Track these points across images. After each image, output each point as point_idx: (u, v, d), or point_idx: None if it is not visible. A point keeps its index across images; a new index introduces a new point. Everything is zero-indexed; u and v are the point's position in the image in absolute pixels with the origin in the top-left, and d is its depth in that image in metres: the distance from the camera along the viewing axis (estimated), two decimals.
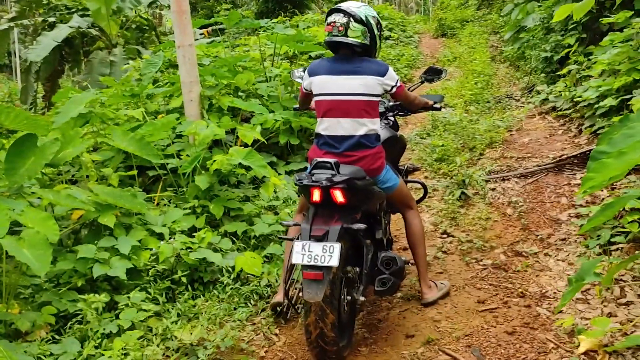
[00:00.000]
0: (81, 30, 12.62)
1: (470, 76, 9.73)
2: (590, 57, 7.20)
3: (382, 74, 3.23)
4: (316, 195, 2.93)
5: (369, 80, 3.21)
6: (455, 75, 10.95)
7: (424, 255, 3.57)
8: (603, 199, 4.33)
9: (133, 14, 13.83)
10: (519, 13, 10.31)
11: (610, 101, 5.38)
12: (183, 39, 5.16)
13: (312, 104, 3.60)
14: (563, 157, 5.35)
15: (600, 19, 7.30)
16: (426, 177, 5.79)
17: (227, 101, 5.25)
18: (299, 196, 3.33)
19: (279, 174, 5.35)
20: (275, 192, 4.78)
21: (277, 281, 3.73)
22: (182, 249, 3.67)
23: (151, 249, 3.72)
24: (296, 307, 3.30)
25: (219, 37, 13.85)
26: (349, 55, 3.27)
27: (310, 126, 5.62)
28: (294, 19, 14.04)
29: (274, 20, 12.85)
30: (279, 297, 3.43)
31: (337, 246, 2.82)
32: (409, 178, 4.38)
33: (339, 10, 3.25)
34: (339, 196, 2.93)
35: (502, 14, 13.70)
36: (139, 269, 3.61)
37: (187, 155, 4.84)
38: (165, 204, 4.52)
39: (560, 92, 7.04)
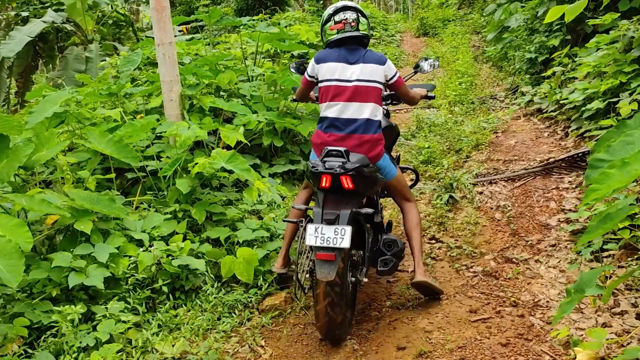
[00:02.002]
0: (55, 25, 12.34)
1: (454, 76, 9.69)
2: (574, 59, 7.21)
3: (383, 63, 3.57)
4: (326, 182, 3.15)
5: (373, 68, 3.53)
6: (439, 75, 10.91)
7: (419, 241, 3.69)
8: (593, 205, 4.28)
9: (109, 9, 13.59)
10: (502, 13, 10.31)
11: (597, 104, 5.36)
12: (163, 37, 5.01)
13: (312, 94, 3.97)
14: (550, 160, 5.30)
15: (587, 21, 7.31)
16: (412, 180, 5.71)
17: (209, 101, 5.11)
18: (309, 180, 3.60)
19: (263, 177, 5.22)
20: (259, 195, 4.67)
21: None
22: (162, 256, 3.53)
23: (130, 257, 3.57)
24: (303, 286, 3.41)
25: (199, 34, 13.69)
26: (354, 47, 3.59)
27: (294, 127, 5.52)
28: (275, 16, 13.90)
29: (256, 18, 12.71)
30: (278, 266, 3.68)
31: (348, 229, 3.04)
32: (401, 165, 4.58)
33: (347, 8, 3.64)
34: (348, 183, 3.14)
35: (484, 14, 13.71)
36: (118, 277, 3.46)
37: (167, 157, 4.70)
38: (144, 208, 4.38)
39: (545, 94, 7.01)
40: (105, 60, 9.73)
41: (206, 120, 5.08)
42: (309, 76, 3.73)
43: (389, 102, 4.17)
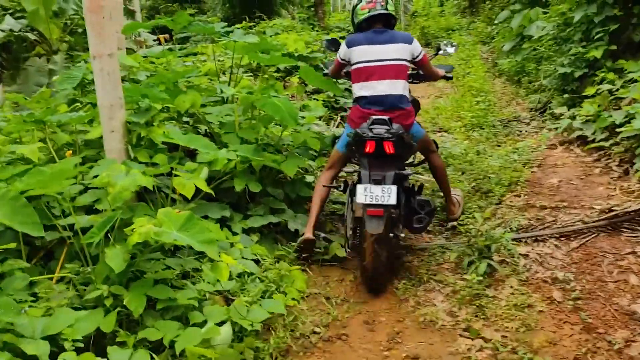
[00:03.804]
0: (15, 34, 11.20)
1: (468, 94, 8.54)
2: (621, 75, 6.08)
3: (410, 41, 4.15)
4: (370, 147, 3.65)
5: (401, 47, 4.08)
6: (447, 92, 9.78)
7: (448, 185, 4.55)
8: None
9: (79, 16, 12.46)
10: (522, 20, 9.18)
11: None
12: (100, 46, 3.81)
13: (343, 72, 4.52)
14: (616, 210, 4.12)
15: (635, 27, 6.21)
16: (430, 233, 4.55)
17: (161, 133, 3.91)
18: (342, 151, 4.26)
19: (234, 234, 4.03)
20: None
21: None
22: None
23: None
24: (349, 243, 3.92)
25: (176, 45, 12.50)
26: (382, 29, 4.15)
27: (277, 165, 4.34)
28: (261, 24, 12.75)
29: (238, 25, 11.56)
30: (308, 234, 4.05)
31: (394, 188, 3.57)
32: None
33: None
34: (390, 148, 3.64)
35: (496, 22, 12.62)
36: None
37: (104, 210, 3.51)
38: (65, 285, 3.18)
39: (587, 117, 5.86)
40: None
41: (158, 158, 3.90)
42: (341, 59, 4.30)
43: (410, 80, 4.52)
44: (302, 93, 5.12)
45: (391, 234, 3.73)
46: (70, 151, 3.97)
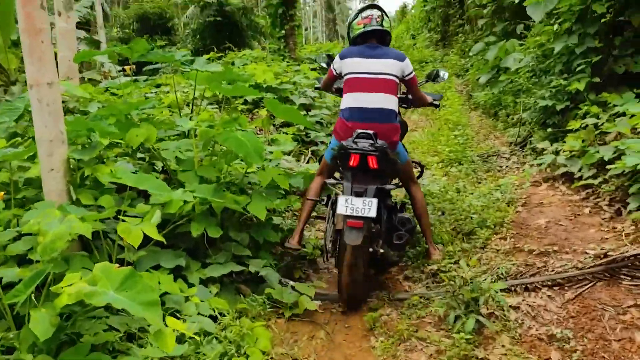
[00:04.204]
0: None
1: (444, 127, 8.26)
2: (605, 108, 5.84)
3: (402, 59, 4.19)
4: (354, 161, 3.74)
5: (393, 62, 4.14)
6: (422, 125, 9.51)
7: (428, 222, 4.46)
8: None
9: None
10: (498, 52, 8.98)
11: None
12: (38, 74, 3.40)
13: (332, 88, 4.70)
14: (612, 256, 3.77)
15: (616, 60, 5.99)
16: (409, 280, 4.17)
17: (107, 172, 3.49)
18: (329, 162, 4.29)
19: (191, 285, 3.59)
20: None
21: None
22: None
23: None
24: (328, 253, 3.98)
25: (144, 77, 12.14)
26: (375, 44, 4.25)
27: (240, 208, 3.93)
28: (229, 55, 12.42)
29: (206, 56, 11.21)
30: (294, 242, 4.25)
31: (374, 201, 3.64)
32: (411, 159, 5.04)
33: (373, 7, 4.34)
34: (373, 162, 3.73)
35: (471, 54, 12.48)
36: None
37: (37, 261, 3.06)
38: None
39: (572, 152, 5.58)
40: None
41: (104, 200, 3.49)
42: (334, 70, 4.36)
43: (400, 105, 4.70)
44: (269, 126, 4.73)
45: (370, 249, 3.82)
46: (3, 193, 3.51)
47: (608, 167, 4.71)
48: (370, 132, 3.81)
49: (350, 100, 4.13)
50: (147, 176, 3.60)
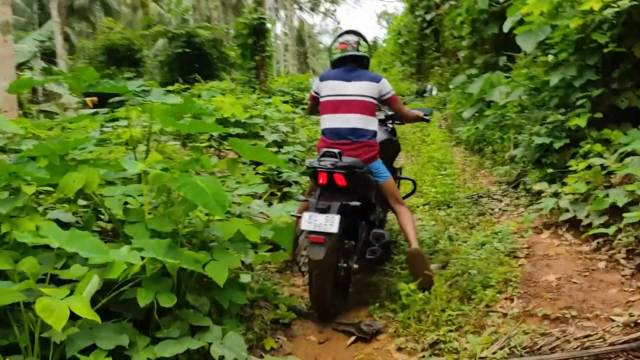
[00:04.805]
0: None
1: (429, 165, 7.71)
2: (608, 146, 5.35)
3: (378, 80, 4.47)
4: (322, 179, 3.98)
5: (368, 85, 4.40)
6: (402, 162, 8.95)
7: (414, 230, 4.45)
8: None
9: None
10: (483, 85, 8.50)
11: None
12: None
13: (317, 109, 4.71)
14: None
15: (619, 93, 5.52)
16: (402, 352, 3.53)
17: (29, 230, 2.81)
18: (310, 178, 4.29)
19: None
20: None
21: None
22: None
23: None
24: (300, 267, 4.44)
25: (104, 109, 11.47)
26: (352, 67, 4.51)
27: (201, 268, 3.27)
28: (196, 86, 11.80)
29: (171, 88, 10.59)
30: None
31: (336, 217, 3.79)
32: (402, 175, 5.53)
33: (350, 32, 4.65)
34: (340, 180, 3.94)
35: (451, 87, 12.06)
36: None
37: None
38: None
39: (576, 196, 5.04)
40: None
41: (25, 264, 2.80)
42: (315, 92, 4.65)
43: (393, 121, 5.20)
44: (235, 167, 4.10)
45: (344, 265, 4.10)
46: None
47: (624, 215, 4.15)
48: (335, 150, 4.01)
49: (328, 120, 4.44)
50: (82, 234, 2.91)
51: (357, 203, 3.94)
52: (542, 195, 5.56)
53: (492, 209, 6.19)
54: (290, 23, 60.93)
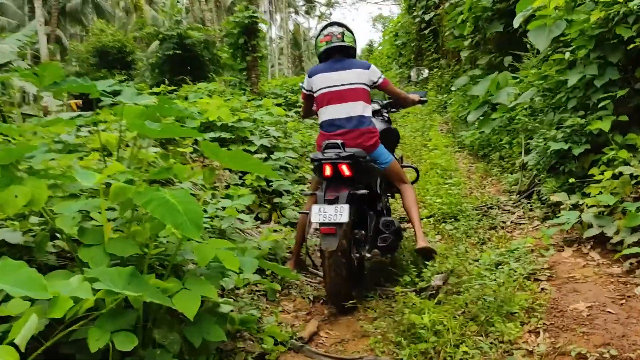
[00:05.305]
0: None
1: (432, 173, 7.18)
2: (635, 153, 4.84)
3: (367, 67, 4.62)
4: (328, 170, 4.05)
5: (358, 72, 4.55)
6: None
7: (417, 214, 4.67)
8: None
9: None
10: (489, 86, 7.97)
11: None
12: None
13: (314, 107, 4.85)
14: None
15: None
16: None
17: None
18: (315, 173, 4.42)
19: None
20: None
21: None
22: None
23: None
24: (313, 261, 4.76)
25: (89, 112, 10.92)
26: (339, 58, 4.64)
27: (167, 300, 2.73)
28: (183, 88, 11.23)
29: (156, 90, 10.03)
30: (290, 265, 4.71)
31: (346, 207, 3.84)
32: (404, 163, 5.66)
33: (334, 24, 4.75)
34: (345, 170, 4.02)
35: (453, 89, 11.53)
36: None
37: None
38: None
39: (601, 208, 4.51)
40: None
41: None
42: (306, 90, 4.76)
43: (388, 110, 5.37)
44: (213, 176, 3.55)
45: (357, 254, 4.17)
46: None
47: None
48: (338, 141, 4.13)
49: (325, 113, 4.53)
50: (14, 264, 2.33)
51: (365, 191, 4.08)
52: (561, 207, 5.03)
53: (504, 222, 5.65)
54: (286, 26, 60.59)
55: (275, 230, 4.87)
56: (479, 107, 8.50)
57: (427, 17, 17.81)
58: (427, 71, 5.48)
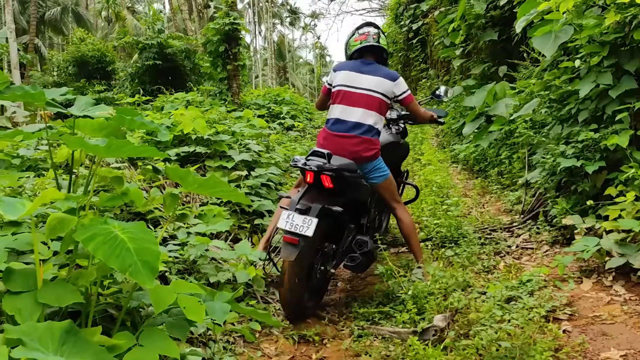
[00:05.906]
0: None
1: (427, 191, 6.65)
2: None
3: (394, 79, 4.47)
4: (309, 178, 3.96)
5: (382, 82, 4.42)
6: None
7: (418, 244, 4.59)
8: None
9: None
10: (486, 97, 7.47)
11: None
12: None
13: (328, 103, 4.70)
14: None
15: None
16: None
17: None
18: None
19: None
20: None
21: None
22: None
23: None
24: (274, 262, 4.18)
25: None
26: (370, 61, 4.55)
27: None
28: (159, 98, 10.64)
29: (130, 100, 9.44)
30: (261, 248, 4.47)
31: (314, 220, 3.72)
32: (408, 180, 5.66)
33: (370, 24, 4.67)
34: (326, 182, 3.91)
35: (445, 100, 11.04)
36: None
37: None
38: None
39: (621, 234, 4.01)
40: None
41: None
42: (328, 84, 4.63)
43: (405, 121, 5.20)
44: (175, 203, 2.99)
45: (321, 267, 4.05)
46: None
47: None
48: (325, 151, 3.98)
49: (333, 111, 4.45)
50: None
51: (339, 209, 3.89)
52: (575, 232, 4.52)
53: (509, 247, 5.13)
54: (270, 37, 60.26)
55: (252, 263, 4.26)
56: (474, 119, 8.01)
57: (415, 26, 17.40)
58: (451, 90, 5.36)
